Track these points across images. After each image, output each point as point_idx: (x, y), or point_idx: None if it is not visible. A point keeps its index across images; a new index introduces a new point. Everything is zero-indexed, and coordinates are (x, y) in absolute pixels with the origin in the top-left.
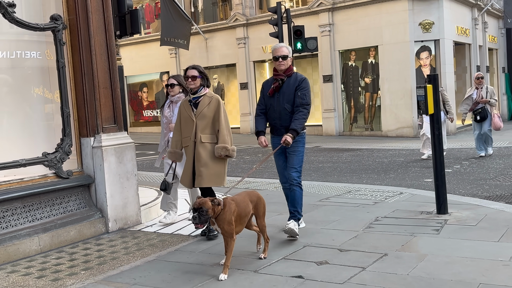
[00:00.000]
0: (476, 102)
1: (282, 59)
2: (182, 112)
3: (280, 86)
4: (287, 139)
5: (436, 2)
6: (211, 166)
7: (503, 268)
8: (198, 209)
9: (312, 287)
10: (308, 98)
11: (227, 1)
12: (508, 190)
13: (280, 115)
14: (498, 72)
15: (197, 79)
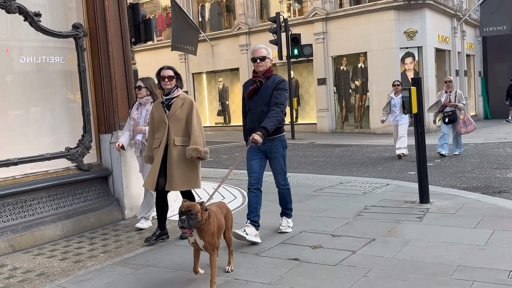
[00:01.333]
0: (444, 105)
1: (260, 60)
2: (154, 113)
3: (258, 88)
4: (254, 137)
5: (419, 13)
6: (184, 169)
7: (479, 252)
8: (187, 212)
9: (308, 268)
10: (282, 98)
11: (231, 12)
12: (484, 182)
13: (259, 117)
14: (475, 76)
15: (173, 79)
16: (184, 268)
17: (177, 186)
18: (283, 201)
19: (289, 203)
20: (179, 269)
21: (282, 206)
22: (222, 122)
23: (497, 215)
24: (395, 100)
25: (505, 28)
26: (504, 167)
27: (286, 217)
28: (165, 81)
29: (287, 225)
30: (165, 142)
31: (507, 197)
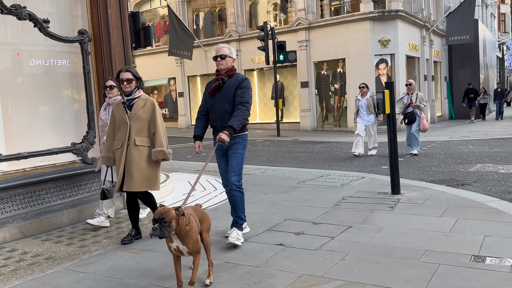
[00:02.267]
0: (407, 106)
1: (221, 59)
2: (115, 114)
3: (220, 86)
4: (221, 137)
5: (392, 23)
6: (144, 169)
7: (444, 238)
8: (160, 220)
9: (291, 253)
10: (247, 97)
11: (223, 20)
12: (449, 176)
13: (221, 115)
14: (441, 80)
15: (132, 82)
16: None
17: (136, 186)
18: (234, 206)
19: (241, 211)
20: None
21: (233, 213)
22: None
23: (460, 205)
24: (361, 101)
25: (468, 38)
26: (467, 162)
27: (236, 228)
28: (124, 84)
29: (236, 237)
30: (127, 142)
31: (469, 189)
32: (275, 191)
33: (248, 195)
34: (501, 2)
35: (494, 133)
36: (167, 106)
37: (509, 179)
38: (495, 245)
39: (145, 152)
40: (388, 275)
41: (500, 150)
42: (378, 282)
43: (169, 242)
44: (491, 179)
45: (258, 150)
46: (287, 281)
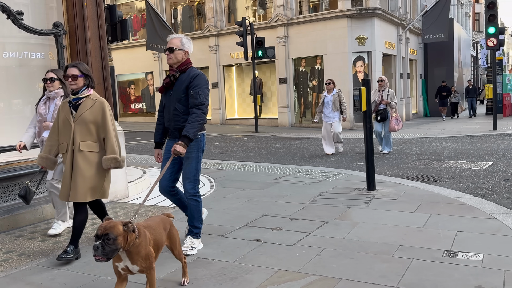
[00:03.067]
0: (378, 103)
1: (169, 52)
2: (60, 113)
3: (172, 82)
4: (176, 149)
5: (369, 21)
6: (88, 178)
7: (417, 233)
8: (103, 236)
9: (268, 248)
10: (202, 98)
11: (202, 15)
12: (422, 172)
13: (173, 116)
14: (417, 78)
15: (78, 79)
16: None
17: (80, 197)
18: (190, 215)
19: (197, 221)
20: None
21: (189, 221)
22: None
23: (433, 201)
24: (327, 97)
25: (442, 36)
26: (440, 159)
27: (191, 237)
28: (69, 80)
29: (190, 246)
30: (72, 147)
31: (442, 185)
32: (252, 187)
33: (226, 191)
34: (475, 2)
35: (467, 131)
36: (144, 100)
37: (481, 176)
38: (467, 240)
39: (92, 159)
40: (362, 269)
41: (473, 147)
42: (352, 277)
43: (115, 261)
44: (464, 175)
45: (236, 145)
46: (263, 276)
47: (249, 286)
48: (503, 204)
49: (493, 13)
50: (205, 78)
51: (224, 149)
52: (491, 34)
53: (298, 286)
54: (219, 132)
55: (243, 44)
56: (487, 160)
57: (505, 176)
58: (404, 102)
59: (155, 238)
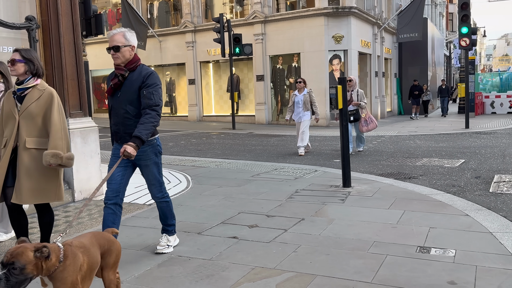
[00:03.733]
0: (348, 103)
1: (114, 51)
2: (4, 105)
3: (120, 83)
4: (126, 150)
5: (345, 20)
6: (36, 178)
7: (391, 229)
8: (8, 265)
9: (245, 245)
10: (156, 98)
11: (178, 10)
12: (397, 169)
13: (123, 119)
14: (391, 77)
15: (17, 64)
16: (130, 247)
17: (26, 199)
18: (163, 216)
19: (170, 218)
20: (126, 247)
21: (162, 221)
22: (169, 112)
23: (407, 198)
24: (298, 97)
25: (417, 35)
26: (414, 157)
27: (166, 234)
28: (8, 65)
29: (166, 244)
30: (14, 143)
31: (416, 183)
32: (229, 184)
33: (203, 188)
34: (449, 2)
35: (440, 129)
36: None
37: (453, 173)
38: (439, 236)
39: (40, 157)
40: (338, 266)
41: (445, 145)
42: (328, 273)
43: (43, 285)
44: (437, 172)
45: (213, 143)
46: (240, 273)
47: (225, 283)
48: (475, 201)
49: (466, 14)
50: (158, 77)
51: (201, 146)
52: (464, 34)
53: (274, 283)
54: (196, 129)
55: (220, 41)
56: (459, 158)
57: (476, 173)
58: (379, 101)
59: (89, 260)
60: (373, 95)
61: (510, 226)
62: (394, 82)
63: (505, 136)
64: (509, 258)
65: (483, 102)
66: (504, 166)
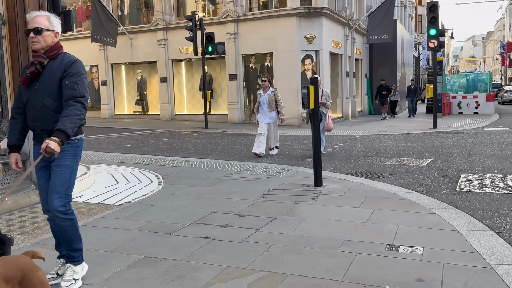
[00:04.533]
0: None
1: (35, 34)
2: None
3: (38, 72)
4: (49, 145)
5: (317, 20)
6: None
7: (361, 228)
8: None
9: (217, 245)
10: (81, 88)
11: (150, 8)
12: (367, 168)
13: (41, 114)
14: (362, 77)
15: None
16: (99, 248)
17: None
18: (66, 238)
19: (76, 242)
20: (95, 249)
21: (66, 246)
22: (140, 111)
23: (377, 197)
24: (263, 96)
25: (387, 37)
26: (384, 156)
27: (71, 265)
28: None
29: (72, 278)
30: None
31: (385, 181)
32: (201, 184)
33: (174, 188)
34: (418, 4)
35: (408, 129)
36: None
37: (421, 172)
38: (407, 234)
39: None
40: (309, 264)
41: (413, 145)
42: (299, 272)
43: None
44: (405, 172)
45: (185, 142)
46: (211, 274)
47: (197, 284)
48: (442, 199)
49: (434, 16)
50: (83, 65)
51: (173, 145)
52: (432, 36)
53: (246, 282)
54: (167, 128)
55: (192, 39)
56: (427, 157)
57: (443, 172)
58: (350, 101)
59: None
60: (344, 95)
61: (476, 224)
62: (365, 82)
63: (471, 136)
64: (475, 255)
65: (450, 103)
66: (470, 165)
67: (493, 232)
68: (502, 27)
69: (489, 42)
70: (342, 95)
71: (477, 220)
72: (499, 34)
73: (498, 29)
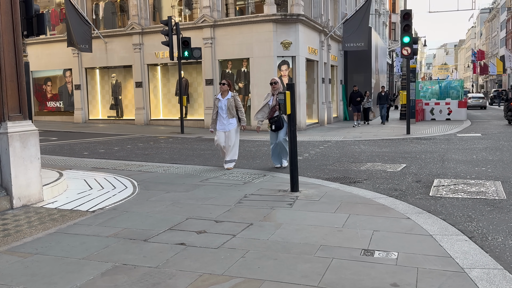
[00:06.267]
0: (273, 110)
1: None
2: None
3: None
4: None
5: (293, 27)
6: None
7: (337, 233)
8: None
9: (193, 252)
10: None
11: (125, 12)
12: (342, 174)
13: None
14: (337, 83)
15: None
16: (72, 256)
17: None
18: None
19: None
20: (68, 256)
21: None
22: (114, 115)
23: (352, 202)
24: (221, 101)
25: (362, 45)
26: (359, 161)
27: None
28: None
29: None
30: None
31: (360, 187)
32: (177, 190)
33: (150, 194)
34: (392, 12)
35: (383, 134)
36: (61, 99)
37: (395, 177)
38: (382, 239)
39: None
40: (285, 270)
41: (388, 150)
42: (276, 278)
43: None
44: (380, 177)
45: (161, 147)
46: (187, 281)
47: None
48: (416, 204)
49: (408, 24)
50: None
51: (148, 150)
52: (406, 43)
53: None
54: (142, 133)
55: (168, 44)
56: (401, 163)
57: (417, 177)
58: (326, 106)
59: None
60: (320, 101)
61: (449, 228)
62: (340, 88)
63: (443, 141)
64: (448, 259)
65: (423, 109)
66: (443, 170)
67: (465, 236)
68: (473, 35)
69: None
70: (318, 101)
71: (450, 225)
72: (470, 42)
73: (470, 37)
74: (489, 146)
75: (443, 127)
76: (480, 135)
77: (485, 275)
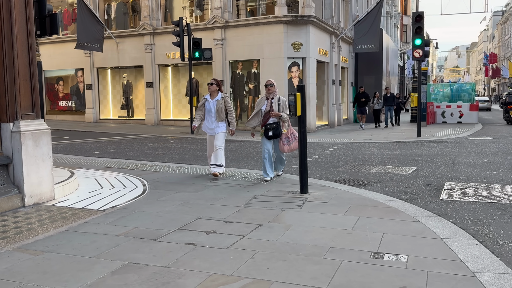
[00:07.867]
0: (266, 115)
1: None
2: None
3: None
4: None
5: (304, 28)
6: None
7: (347, 235)
8: None
9: (202, 252)
10: None
11: (137, 12)
12: (352, 176)
13: None
14: (348, 85)
15: None
16: (83, 254)
17: None
18: None
19: None
20: (78, 254)
21: None
22: (125, 115)
23: (362, 204)
24: (210, 103)
25: (373, 47)
26: (369, 164)
27: None
28: None
29: None
30: None
31: (370, 189)
32: (187, 190)
33: (160, 193)
34: (403, 14)
35: (393, 137)
36: (73, 98)
37: (406, 180)
38: (392, 242)
39: None
40: (294, 272)
41: (398, 153)
42: (285, 279)
43: None
44: (390, 180)
45: (171, 147)
46: (196, 280)
47: None
48: (426, 208)
49: (419, 26)
50: None
51: (158, 150)
52: (418, 46)
53: None
54: (153, 133)
55: (179, 44)
56: (411, 165)
57: (428, 180)
58: (336, 108)
59: None
60: (330, 103)
61: (459, 232)
62: (350, 90)
63: (454, 145)
64: (458, 263)
65: (435, 112)
66: (454, 174)
67: (476, 240)
68: (486, 38)
69: (472, 53)
70: (328, 102)
71: (461, 228)
72: (482, 45)
73: (482, 40)
74: (500, 150)
75: (454, 130)
76: (492, 139)
77: (496, 279)
